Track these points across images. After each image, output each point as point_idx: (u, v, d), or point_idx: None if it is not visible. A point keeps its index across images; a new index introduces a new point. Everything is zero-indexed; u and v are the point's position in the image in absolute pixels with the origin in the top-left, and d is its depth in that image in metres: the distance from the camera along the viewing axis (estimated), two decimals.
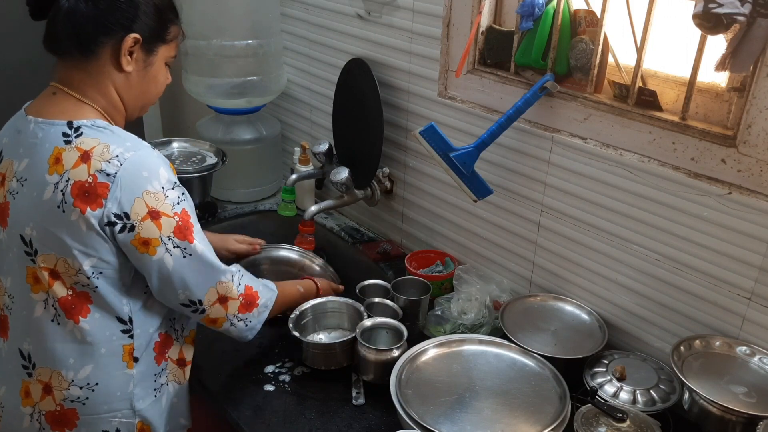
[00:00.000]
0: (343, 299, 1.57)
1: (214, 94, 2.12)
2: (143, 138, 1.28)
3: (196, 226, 1.21)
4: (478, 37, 1.59)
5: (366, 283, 1.66)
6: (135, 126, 2.75)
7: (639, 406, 1.28)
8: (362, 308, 1.52)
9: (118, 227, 1.13)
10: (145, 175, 1.13)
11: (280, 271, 1.75)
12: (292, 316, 1.49)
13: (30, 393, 1.24)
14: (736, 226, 1.23)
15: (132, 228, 1.13)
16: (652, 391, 1.30)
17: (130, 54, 1.19)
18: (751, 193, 1.20)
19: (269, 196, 2.30)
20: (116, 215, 1.12)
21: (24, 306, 1.20)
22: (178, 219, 1.16)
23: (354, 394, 1.39)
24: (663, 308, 1.39)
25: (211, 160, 2.06)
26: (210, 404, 1.43)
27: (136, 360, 1.24)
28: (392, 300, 1.59)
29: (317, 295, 1.57)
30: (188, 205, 1.20)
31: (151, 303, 1.26)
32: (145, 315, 1.25)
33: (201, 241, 1.21)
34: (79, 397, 1.22)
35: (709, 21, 1.11)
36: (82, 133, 1.14)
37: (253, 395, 1.40)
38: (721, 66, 1.15)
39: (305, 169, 2.07)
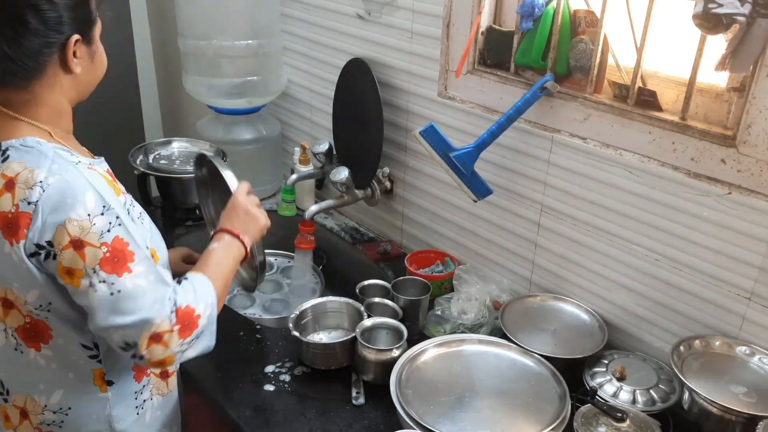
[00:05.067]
0: (343, 299, 1.57)
1: (214, 94, 2.12)
2: (143, 139, 1.18)
3: (137, 254, 1.05)
4: (478, 37, 1.59)
5: (366, 283, 1.66)
6: (135, 126, 2.76)
7: (639, 406, 1.28)
8: (362, 308, 1.52)
9: (42, 256, 1.03)
10: (69, 202, 1.01)
11: None
12: (292, 316, 1.49)
13: (9, 417, 1.20)
14: (736, 226, 1.23)
15: (54, 256, 1.02)
16: (652, 391, 1.30)
17: (74, 54, 1.08)
18: (751, 193, 1.20)
19: (269, 196, 2.30)
20: (38, 245, 1.02)
21: None
22: (106, 249, 1.02)
23: (354, 394, 1.39)
24: (663, 308, 1.39)
25: None
26: (210, 404, 1.43)
27: (110, 383, 1.17)
28: (392, 300, 1.59)
29: (246, 253, 1.27)
30: (123, 231, 1.04)
31: None
32: None
33: (135, 276, 1.04)
34: (54, 421, 1.18)
35: (709, 21, 1.11)
36: (8, 156, 1.05)
37: (253, 395, 1.39)
38: (721, 66, 1.15)
39: (305, 169, 2.07)
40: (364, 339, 1.41)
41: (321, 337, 1.55)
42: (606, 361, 1.38)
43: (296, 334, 1.45)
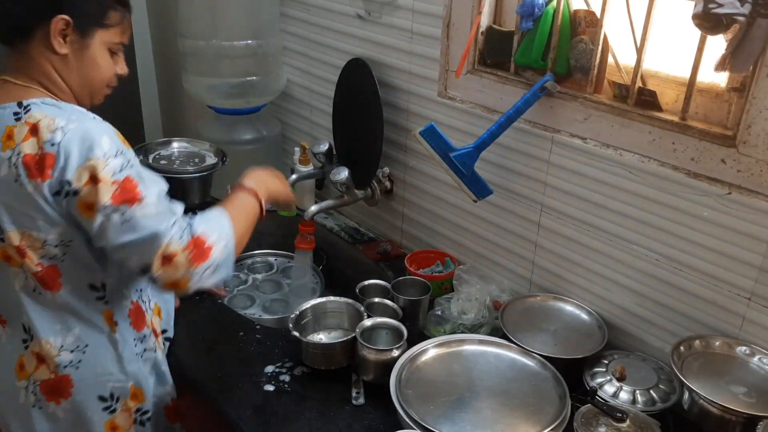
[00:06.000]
0: (343, 299, 1.57)
1: (214, 94, 2.12)
2: (143, 139, 1.27)
3: (146, 192, 1.16)
4: (478, 37, 1.59)
5: (366, 283, 1.65)
6: (135, 126, 2.76)
7: (639, 406, 1.28)
8: (362, 308, 1.52)
9: (63, 194, 1.14)
10: (87, 145, 1.14)
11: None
12: (292, 316, 1.49)
13: (24, 366, 1.27)
14: (736, 226, 1.23)
15: (75, 192, 1.14)
16: (652, 391, 1.31)
17: (64, 36, 1.19)
18: (751, 193, 1.20)
19: None
20: (61, 182, 1.14)
21: (6, 284, 1.24)
22: (116, 187, 1.14)
23: (354, 394, 1.39)
24: (663, 308, 1.39)
25: (211, 160, 2.06)
26: (210, 404, 1.43)
27: (116, 323, 1.30)
28: (392, 300, 1.59)
29: (261, 209, 1.38)
30: (134, 173, 1.17)
31: (123, 271, 1.28)
32: (118, 282, 1.29)
33: (144, 206, 1.15)
34: (71, 361, 1.26)
35: (709, 21, 1.11)
36: (30, 109, 1.17)
37: (253, 395, 1.39)
38: (721, 66, 1.15)
39: (305, 169, 2.07)
40: (364, 339, 1.41)
41: (321, 337, 1.55)
42: (606, 361, 1.38)
43: (296, 334, 1.45)
